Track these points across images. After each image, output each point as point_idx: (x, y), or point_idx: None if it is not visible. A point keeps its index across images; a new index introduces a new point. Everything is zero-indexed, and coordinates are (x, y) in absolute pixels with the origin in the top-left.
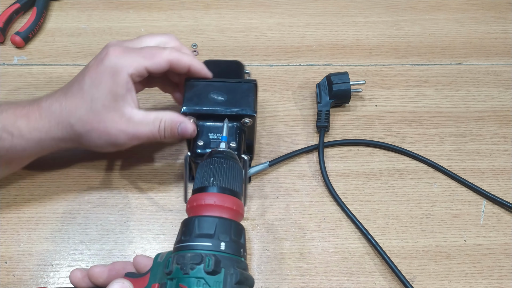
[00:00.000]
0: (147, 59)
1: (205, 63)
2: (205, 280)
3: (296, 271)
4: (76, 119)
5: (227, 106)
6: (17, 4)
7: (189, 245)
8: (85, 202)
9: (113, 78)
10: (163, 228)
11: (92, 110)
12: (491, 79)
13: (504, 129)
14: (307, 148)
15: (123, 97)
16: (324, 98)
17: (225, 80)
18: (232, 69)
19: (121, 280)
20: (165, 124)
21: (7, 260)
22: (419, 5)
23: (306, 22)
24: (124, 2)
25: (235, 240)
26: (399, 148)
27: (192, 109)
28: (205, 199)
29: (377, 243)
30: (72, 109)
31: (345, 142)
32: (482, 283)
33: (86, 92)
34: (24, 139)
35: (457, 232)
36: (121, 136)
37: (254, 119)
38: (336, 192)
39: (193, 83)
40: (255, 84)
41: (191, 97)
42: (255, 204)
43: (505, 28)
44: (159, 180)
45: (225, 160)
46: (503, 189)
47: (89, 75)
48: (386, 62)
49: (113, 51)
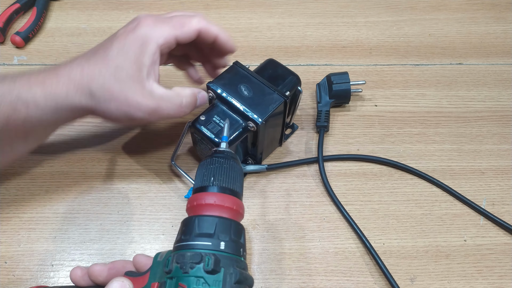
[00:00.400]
0: (177, 29)
1: (268, 60)
2: (204, 279)
3: (296, 271)
4: (97, 86)
5: (245, 103)
6: (17, 4)
7: (188, 244)
8: (85, 202)
9: (141, 48)
10: (163, 228)
11: (115, 77)
12: (491, 79)
13: (504, 129)
14: (307, 160)
15: (148, 68)
16: (324, 98)
17: (263, 82)
18: (285, 78)
19: (121, 279)
20: (186, 100)
21: (7, 260)
22: (419, 5)
23: (306, 22)
24: (124, 2)
25: (234, 240)
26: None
27: (215, 86)
28: (205, 198)
29: (370, 244)
30: (94, 75)
31: (344, 157)
32: (482, 283)
33: (112, 59)
34: (40, 108)
35: (457, 232)
36: (141, 109)
37: (258, 128)
38: (334, 192)
39: (237, 68)
40: (285, 101)
41: (224, 77)
42: (255, 204)
43: (505, 28)
44: (159, 180)
45: (226, 160)
46: (503, 189)
47: (118, 42)
48: (386, 62)
49: (145, 21)
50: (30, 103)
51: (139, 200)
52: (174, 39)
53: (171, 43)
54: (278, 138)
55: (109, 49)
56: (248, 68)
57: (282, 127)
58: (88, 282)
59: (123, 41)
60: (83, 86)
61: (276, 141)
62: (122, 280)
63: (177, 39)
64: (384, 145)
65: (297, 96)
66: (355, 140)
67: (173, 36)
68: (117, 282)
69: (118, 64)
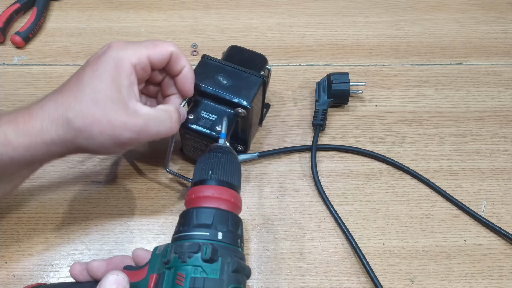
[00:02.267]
0: (149, 49)
1: (231, 47)
2: (202, 268)
3: (296, 271)
4: (74, 113)
5: (228, 91)
6: (17, 4)
7: (187, 235)
8: (85, 202)
9: (116, 69)
10: (163, 228)
11: (93, 101)
12: (491, 79)
13: (504, 129)
14: (300, 147)
15: (127, 89)
16: (322, 96)
17: (237, 68)
18: (253, 60)
19: (116, 272)
20: (175, 115)
21: (7, 260)
22: (419, 5)
23: (306, 22)
24: (124, 2)
25: (232, 230)
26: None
27: (195, 83)
28: (203, 191)
29: (356, 244)
30: (70, 102)
31: (336, 147)
32: (482, 283)
33: (87, 83)
34: (11, 146)
35: (457, 232)
36: (127, 128)
37: (248, 112)
38: (324, 191)
39: (207, 60)
40: (264, 80)
41: (199, 72)
42: (255, 203)
43: (505, 28)
44: (159, 180)
45: (224, 155)
46: (503, 189)
47: (90, 67)
48: (386, 62)
49: (116, 44)
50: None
51: (139, 200)
52: (147, 59)
53: (145, 64)
54: (259, 119)
55: (82, 75)
56: (217, 58)
57: (262, 107)
58: (87, 277)
59: (96, 65)
60: (58, 117)
61: (256, 123)
62: (117, 274)
63: (150, 60)
64: (384, 145)
65: (269, 74)
66: (355, 140)
67: (146, 56)
68: (112, 276)
69: (94, 87)
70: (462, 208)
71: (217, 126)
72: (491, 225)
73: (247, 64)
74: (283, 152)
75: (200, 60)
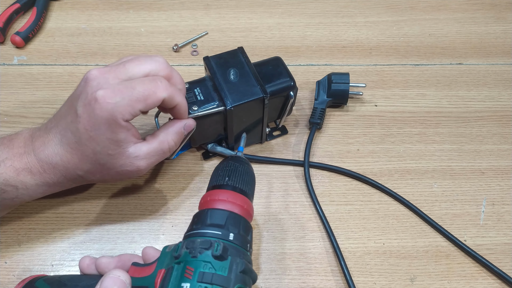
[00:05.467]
0: (140, 102)
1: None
2: (211, 264)
3: (296, 271)
4: (83, 172)
5: (225, 86)
6: (17, 4)
7: (199, 232)
8: (86, 202)
9: (110, 129)
10: (163, 228)
11: (98, 161)
12: (491, 79)
13: (504, 129)
14: (292, 161)
15: (125, 139)
16: (321, 95)
17: (253, 73)
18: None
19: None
20: (171, 144)
21: (7, 260)
22: (419, 5)
23: (306, 22)
24: (124, 2)
25: (243, 234)
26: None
27: (210, 62)
28: (219, 195)
29: (337, 245)
30: (75, 163)
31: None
32: (482, 283)
33: (86, 146)
34: (31, 190)
35: (457, 232)
36: (133, 172)
37: (225, 111)
38: (314, 190)
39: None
40: (263, 98)
41: (222, 56)
42: (255, 204)
43: (505, 28)
44: (159, 180)
45: (241, 165)
46: (503, 189)
47: (82, 125)
48: (386, 62)
49: (103, 97)
50: (20, 187)
51: (139, 200)
52: (139, 112)
53: (137, 115)
54: (259, 134)
55: (78, 134)
56: (248, 58)
57: (263, 124)
58: (94, 271)
59: (88, 124)
60: (71, 174)
61: (256, 137)
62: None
63: (142, 111)
64: (384, 145)
65: (288, 100)
66: (355, 140)
67: (138, 110)
68: (114, 273)
69: (94, 149)
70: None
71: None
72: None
73: (272, 78)
74: (272, 162)
75: (235, 48)
